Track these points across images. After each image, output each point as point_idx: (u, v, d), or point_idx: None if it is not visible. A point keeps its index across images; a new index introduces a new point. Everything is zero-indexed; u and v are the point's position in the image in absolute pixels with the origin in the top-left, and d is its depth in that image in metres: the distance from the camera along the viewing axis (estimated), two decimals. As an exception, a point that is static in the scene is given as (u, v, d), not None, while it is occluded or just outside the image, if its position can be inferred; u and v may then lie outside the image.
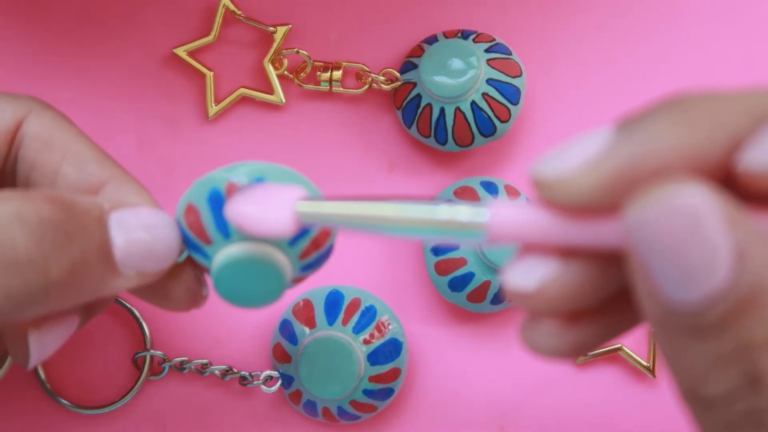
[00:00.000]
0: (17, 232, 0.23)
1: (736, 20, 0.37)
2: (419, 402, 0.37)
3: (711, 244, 0.17)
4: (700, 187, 0.17)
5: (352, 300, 0.35)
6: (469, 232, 0.20)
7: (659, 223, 0.17)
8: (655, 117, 0.19)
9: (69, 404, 0.36)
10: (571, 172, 0.19)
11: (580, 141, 0.19)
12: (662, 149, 0.18)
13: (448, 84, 0.34)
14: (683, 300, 0.17)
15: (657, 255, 0.17)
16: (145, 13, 0.37)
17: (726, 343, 0.18)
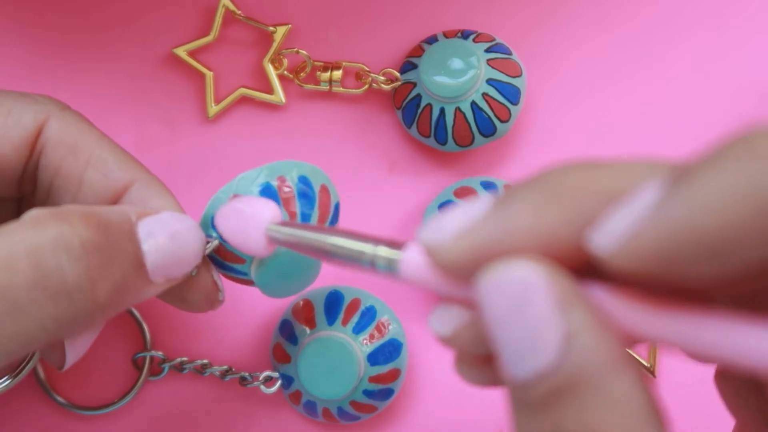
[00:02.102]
0: (63, 260, 0.23)
1: (737, 22, 0.37)
2: (419, 402, 0.37)
3: (538, 323, 0.18)
4: (532, 264, 0.18)
5: (352, 300, 0.35)
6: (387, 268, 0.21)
7: (494, 295, 0.18)
8: (521, 193, 0.19)
9: (69, 404, 0.36)
10: (443, 239, 0.19)
11: (461, 209, 0.20)
12: (519, 228, 0.18)
13: (448, 84, 0.34)
14: (516, 373, 0.18)
15: (494, 326, 0.18)
16: (145, 13, 0.37)
17: (545, 424, 0.18)
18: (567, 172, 0.19)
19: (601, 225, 0.18)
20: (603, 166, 0.19)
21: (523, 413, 0.18)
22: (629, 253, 0.17)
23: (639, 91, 0.37)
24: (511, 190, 0.19)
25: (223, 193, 0.28)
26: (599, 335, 0.17)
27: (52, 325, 0.23)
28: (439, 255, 0.19)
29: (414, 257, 0.21)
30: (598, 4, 0.37)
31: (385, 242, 0.21)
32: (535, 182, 0.19)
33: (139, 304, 0.36)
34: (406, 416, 0.37)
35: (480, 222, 0.19)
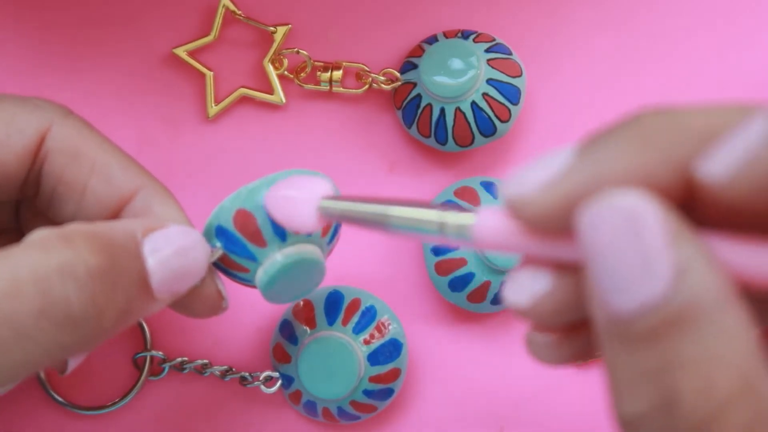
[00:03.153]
0: (70, 288, 0.23)
1: (737, 21, 0.37)
2: (419, 402, 0.37)
3: (649, 252, 0.17)
4: (644, 195, 0.18)
5: (352, 300, 0.35)
6: (458, 234, 0.21)
7: (602, 224, 0.18)
8: (610, 139, 0.19)
9: (69, 404, 0.36)
10: (531, 192, 0.19)
11: (542, 161, 0.19)
12: (615, 172, 0.18)
13: (448, 84, 0.34)
14: (620, 306, 0.18)
15: (601, 257, 0.18)
16: (145, 13, 0.37)
17: (651, 357, 0.17)
18: (657, 115, 0.19)
19: (714, 153, 0.17)
20: (693, 110, 0.19)
21: (624, 349, 0.18)
22: (744, 179, 0.17)
23: (639, 90, 0.37)
24: (596, 136, 0.19)
25: (228, 202, 0.28)
26: (711, 270, 0.17)
27: (58, 352, 0.23)
28: (527, 209, 0.19)
29: (489, 220, 0.20)
30: (599, 4, 0.37)
31: (453, 208, 0.21)
32: (624, 126, 0.19)
33: (139, 304, 0.36)
34: (406, 416, 0.37)
35: (569, 169, 0.19)
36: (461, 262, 0.34)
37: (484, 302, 0.35)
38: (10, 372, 0.23)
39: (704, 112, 0.19)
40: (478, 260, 0.34)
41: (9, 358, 0.22)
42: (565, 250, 0.19)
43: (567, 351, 0.21)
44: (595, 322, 0.18)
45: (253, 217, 0.27)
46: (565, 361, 0.22)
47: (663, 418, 0.17)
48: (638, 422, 0.18)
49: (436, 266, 0.35)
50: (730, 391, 0.17)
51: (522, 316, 0.21)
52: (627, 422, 0.18)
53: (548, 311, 0.20)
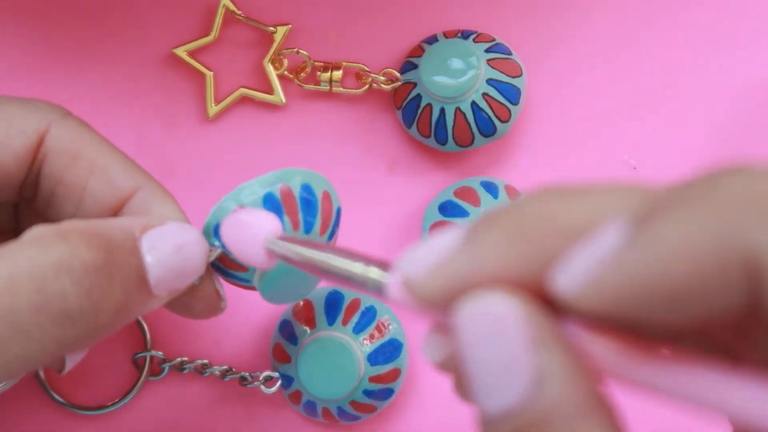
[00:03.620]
0: (66, 284, 0.23)
1: (740, 22, 0.37)
2: (419, 402, 0.37)
3: (511, 357, 0.17)
4: (506, 297, 0.18)
5: (352, 300, 0.35)
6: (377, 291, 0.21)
7: (471, 325, 0.18)
8: (493, 226, 0.19)
9: (69, 404, 0.36)
10: (418, 274, 0.19)
11: (431, 243, 0.19)
12: (487, 265, 0.18)
13: (448, 84, 0.34)
14: (486, 407, 0.18)
15: (470, 357, 0.18)
16: (145, 13, 0.37)
17: None
18: (534, 204, 0.18)
19: (564, 265, 0.17)
20: (571, 197, 0.18)
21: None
22: (591, 296, 0.17)
23: (639, 91, 0.37)
24: (482, 221, 0.19)
25: (226, 201, 0.28)
26: (571, 377, 0.17)
27: (55, 348, 0.23)
28: (416, 289, 0.19)
29: (397, 286, 0.20)
30: (599, 5, 0.37)
31: (377, 263, 0.21)
32: (505, 215, 0.19)
33: (139, 304, 0.36)
34: (406, 416, 0.37)
35: (451, 256, 0.19)
36: (461, 262, 0.34)
37: (484, 302, 0.35)
38: (8, 368, 0.23)
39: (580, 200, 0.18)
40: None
41: (7, 354, 0.22)
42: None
43: None
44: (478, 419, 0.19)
45: None
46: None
47: None
48: None
49: (436, 266, 0.35)
50: None
51: (440, 370, 0.21)
52: None
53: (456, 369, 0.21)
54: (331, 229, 0.29)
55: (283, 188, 0.28)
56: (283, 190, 0.28)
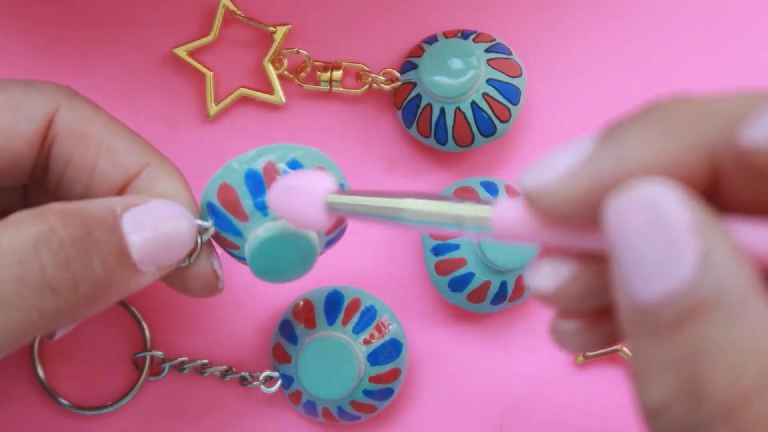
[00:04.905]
0: (44, 256, 0.24)
1: (736, 20, 0.37)
2: (419, 402, 0.37)
3: (674, 242, 0.17)
4: (667, 185, 0.18)
5: (352, 300, 0.35)
6: (476, 227, 0.20)
7: (628, 213, 0.18)
8: (632, 126, 0.19)
9: (69, 404, 0.36)
10: (552, 183, 0.19)
11: (562, 151, 0.19)
12: (638, 159, 0.18)
13: (448, 84, 0.34)
14: (645, 294, 0.18)
15: (625, 248, 0.18)
16: (144, 13, 0.37)
17: (676, 345, 0.17)
18: (679, 102, 0.19)
19: (755, 121, 0.18)
20: (714, 97, 0.19)
21: (649, 338, 0.18)
22: None
23: (639, 90, 0.37)
24: (617, 124, 0.19)
25: (215, 177, 0.28)
26: (737, 258, 0.17)
27: (39, 319, 0.24)
28: (547, 200, 0.19)
29: (508, 212, 0.20)
30: (599, 4, 0.37)
31: (469, 200, 0.21)
32: (645, 114, 0.19)
33: (139, 304, 0.36)
34: (406, 416, 0.37)
35: (590, 159, 0.19)
36: (461, 262, 0.34)
37: (484, 302, 0.35)
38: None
39: (725, 98, 0.19)
40: (478, 260, 0.34)
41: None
42: (586, 240, 0.19)
43: (592, 337, 0.21)
44: (620, 311, 0.18)
45: (234, 191, 0.27)
46: (590, 348, 0.22)
47: (688, 404, 0.17)
48: (663, 409, 0.18)
49: (436, 266, 0.35)
50: (755, 379, 0.17)
51: (546, 302, 0.21)
52: (652, 409, 0.18)
53: (573, 297, 0.20)
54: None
55: (267, 164, 0.28)
56: (266, 166, 0.28)
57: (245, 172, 0.28)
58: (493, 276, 0.34)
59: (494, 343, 0.37)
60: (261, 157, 0.28)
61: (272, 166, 0.28)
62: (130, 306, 0.36)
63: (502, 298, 0.34)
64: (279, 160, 0.28)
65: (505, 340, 0.37)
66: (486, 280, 0.34)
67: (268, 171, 0.28)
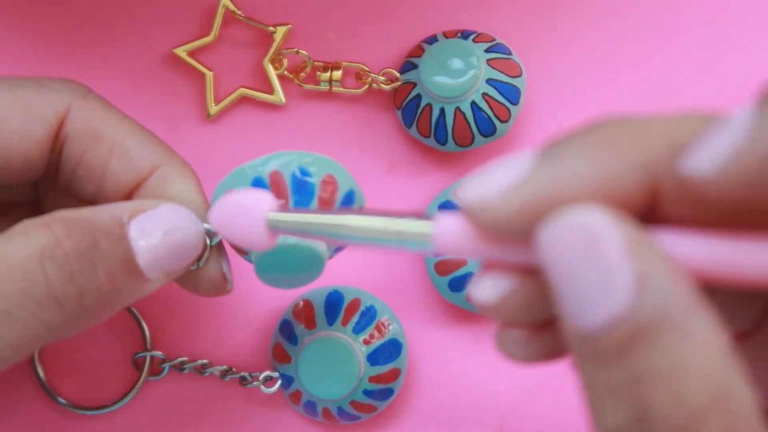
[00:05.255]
0: (48, 269, 0.24)
1: (736, 20, 0.37)
2: (419, 402, 0.37)
3: (609, 268, 0.17)
4: (600, 210, 0.18)
5: (352, 300, 0.35)
6: (419, 243, 0.20)
7: (560, 242, 0.18)
8: (572, 144, 0.19)
9: (69, 404, 0.36)
10: (490, 198, 0.19)
11: (501, 166, 0.19)
12: (576, 178, 0.18)
13: (448, 84, 0.34)
14: (585, 323, 0.18)
15: (562, 277, 0.18)
16: (144, 13, 0.37)
17: (621, 371, 0.17)
18: (620, 123, 0.19)
19: (697, 150, 0.17)
20: (655, 119, 0.19)
21: (595, 365, 0.18)
22: (732, 174, 0.17)
23: (639, 90, 0.37)
24: (557, 141, 0.19)
25: (224, 182, 0.28)
26: (673, 277, 0.17)
27: (44, 331, 0.24)
28: (487, 216, 0.19)
29: (449, 227, 0.20)
30: (599, 4, 0.37)
31: (409, 217, 0.21)
32: (586, 132, 0.19)
33: (139, 304, 0.36)
34: (406, 416, 0.37)
35: (529, 176, 0.19)
36: (461, 263, 0.34)
37: (484, 302, 0.35)
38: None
39: (666, 120, 0.19)
40: (477, 260, 0.34)
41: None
42: (525, 255, 0.19)
43: (537, 348, 0.21)
44: (566, 338, 0.18)
45: None
46: (535, 358, 0.21)
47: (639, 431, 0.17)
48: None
49: (436, 266, 0.35)
50: (702, 400, 0.17)
51: (488, 314, 0.20)
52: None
53: (514, 309, 0.20)
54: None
55: (272, 171, 0.27)
56: (271, 173, 0.28)
57: (252, 180, 0.28)
58: (493, 276, 0.34)
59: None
60: (269, 163, 0.28)
61: (278, 173, 0.28)
62: (130, 306, 0.36)
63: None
64: (286, 166, 0.28)
65: (505, 340, 0.37)
66: (486, 280, 0.34)
67: (274, 178, 0.28)
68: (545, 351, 0.21)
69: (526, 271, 0.20)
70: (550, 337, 0.21)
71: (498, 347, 0.22)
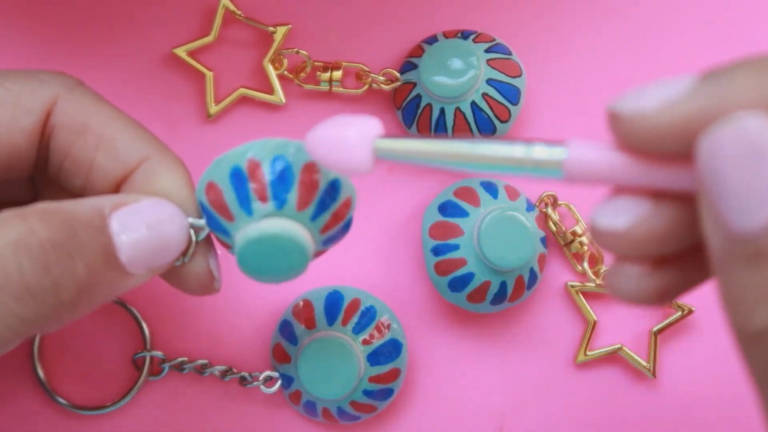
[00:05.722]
0: (23, 260, 0.23)
1: (736, 20, 0.37)
2: (419, 402, 0.37)
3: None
4: (765, 117, 0.18)
5: (352, 300, 0.35)
6: (547, 170, 0.20)
7: (727, 145, 0.18)
8: (738, 69, 0.19)
9: (68, 405, 0.36)
10: (650, 109, 0.19)
11: (662, 83, 0.19)
12: (742, 96, 0.18)
13: (448, 84, 0.34)
14: (745, 224, 0.18)
15: (723, 179, 0.18)
16: (144, 13, 0.37)
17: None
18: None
19: None
20: None
21: (749, 268, 0.18)
22: None
23: (639, 91, 0.37)
24: (719, 68, 0.19)
25: (202, 179, 0.27)
26: None
27: (20, 325, 0.23)
28: (643, 126, 0.19)
29: (584, 152, 0.19)
30: (599, 4, 0.37)
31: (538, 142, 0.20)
32: (753, 62, 0.19)
33: (139, 304, 0.36)
34: (406, 416, 0.37)
35: (691, 92, 0.19)
36: (461, 262, 0.34)
37: (484, 302, 0.35)
38: None
39: None
40: (478, 260, 0.34)
41: None
42: (670, 176, 0.19)
43: (653, 285, 0.21)
44: (712, 245, 0.19)
45: (219, 189, 0.27)
46: (645, 297, 0.21)
47: None
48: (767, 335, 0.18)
49: (436, 266, 0.35)
50: None
51: (613, 241, 0.20)
52: (755, 335, 0.18)
53: (643, 238, 0.20)
54: (318, 202, 0.27)
55: (249, 158, 0.26)
56: (248, 161, 0.26)
57: (230, 170, 0.27)
58: (493, 276, 0.34)
59: (494, 343, 0.37)
60: (248, 151, 0.26)
61: (255, 162, 0.26)
62: (130, 306, 0.36)
63: (502, 299, 0.34)
64: (266, 154, 0.26)
65: (505, 340, 0.37)
66: (486, 280, 0.34)
67: (251, 166, 0.26)
68: (659, 289, 0.21)
69: (660, 198, 0.20)
70: (667, 274, 0.21)
71: (608, 284, 0.22)
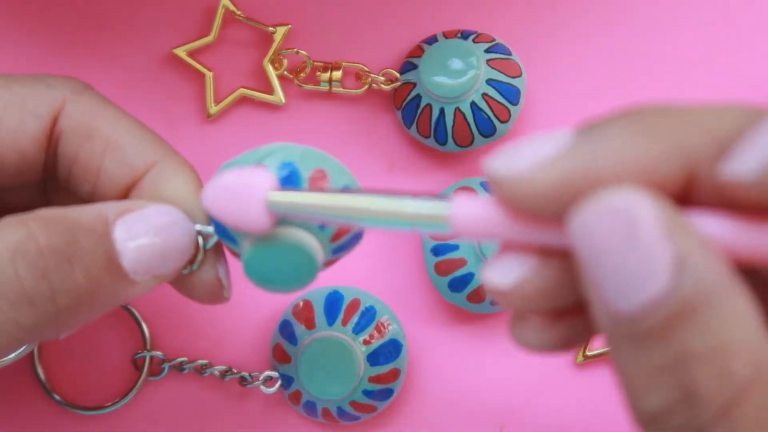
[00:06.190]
0: (20, 266, 0.23)
1: (736, 21, 0.37)
2: (419, 402, 0.37)
3: (648, 250, 0.17)
4: (638, 193, 0.17)
5: (352, 300, 0.35)
6: (434, 225, 0.20)
7: (597, 227, 0.17)
8: (614, 126, 0.19)
9: (68, 404, 0.36)
10: (524, 170, 0.18)
11: (536, 140, 0.19)
12: (617, 158, 0.18)
13: (448, 84, 0.34)
14: (624, 307, 0.17)
15: (598, 261, 0.18)
16: (144, 13, 0.37)
17: (663, 353, 0.17)
18: (662, 110, 0.19)
19: (738, 155, 0.18)
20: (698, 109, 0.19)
21: (635, 349, 0.18)
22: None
23: (639, 91, 0.37)
24: (596, 122, 0.19)
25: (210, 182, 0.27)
26: (710, 257, 0.17)
27: (17, 331, 0.23)
28: (519, 190, 0.18)
29: (467, 208, 0.19)
30: (599, 4, 0.37)
31: (424, 198, 0.20)
32: (626, 116, 0.19)
33: (139, 304, 0.36)
34: (406, 416, 0.37)
35: (566, 152, 0.18)
36: (461, 263, 0.34)
37: (484, 302, 0.35)
38: None
39: (709, 110, 0.19)
40: (478, 260, 0.34)
41: None
42: (550, 236, 0.19)
43: (554, 336, 0.21)
44: (598, 322, 0.18)
45: None
46: (552, 347, 0.21)
47: (685, 410, 0.17)
48: (661, 417, 0.18)
49: (436, 266, 0.35)
50: (745, 375, 0.17)
51: (503, 299, 0.20)
52: (649, 419, 0.18)
53: (532, 294, 0.20)
54: None
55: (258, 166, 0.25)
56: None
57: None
58: (493, 276, 0.34)
59: (494, 344, 0.37)
60: (253, 159, 0.26)
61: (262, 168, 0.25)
62: (130, 306, 0.36)
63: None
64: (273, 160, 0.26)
65: (506, 340, 0.37)
66: (486, 280, 0.34)
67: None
68: (562, 339, 0.21)
69: (546, 254, 0.20)
70: (567, 325, 0.21)
71: (512, 336, 0.21)
